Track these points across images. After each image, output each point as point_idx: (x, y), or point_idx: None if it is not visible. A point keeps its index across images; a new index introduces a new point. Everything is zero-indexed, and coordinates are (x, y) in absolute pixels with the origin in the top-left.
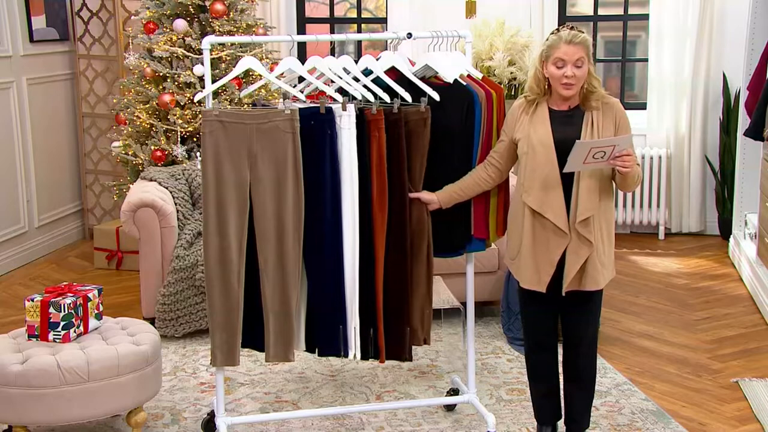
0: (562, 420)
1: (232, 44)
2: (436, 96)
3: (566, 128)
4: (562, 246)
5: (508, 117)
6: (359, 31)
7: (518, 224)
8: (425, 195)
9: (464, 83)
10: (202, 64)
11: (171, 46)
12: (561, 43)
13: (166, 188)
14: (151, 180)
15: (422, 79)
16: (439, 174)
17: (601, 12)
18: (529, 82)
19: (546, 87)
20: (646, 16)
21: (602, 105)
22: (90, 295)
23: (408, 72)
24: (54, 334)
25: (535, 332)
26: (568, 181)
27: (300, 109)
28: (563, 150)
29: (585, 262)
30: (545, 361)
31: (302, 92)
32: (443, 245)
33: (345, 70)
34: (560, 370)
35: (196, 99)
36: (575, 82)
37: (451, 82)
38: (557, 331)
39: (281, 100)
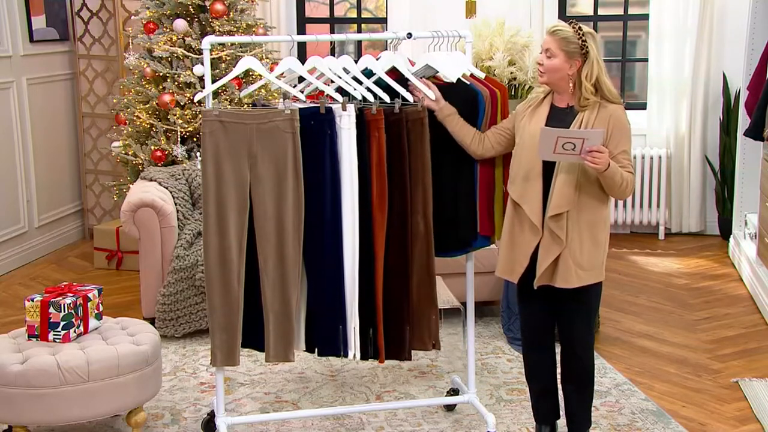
0: (563, 420)
1: (232, 44)
2: (430, 94)
3: (559, 124)
4: (534, 241)
5: (520, 105)
6: (359, 31)
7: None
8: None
9: (467, 82)
10: (202, 64)
11: (171, 46)
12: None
13: (166, 188)
14: (151, 180)
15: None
16: (442, 173)
17: (601, 12)
18: None
19: None
20: (646, 16)
21: (599, 107)
22: (90, 295)
23: (407, 71)
24: (54, 334)
25: (530, 331)
26: (549, 175)
27: (300, 109)
28: None
29: (558, 258)
30: (541, 361)
31: (302, 92)
32: (450, 243)
33: (345, 70)
34: (559, 370)
35: (196, 99)
36: (544, 70)
37: (454, 81)
38: (553, 331)
39: (281, 100)
